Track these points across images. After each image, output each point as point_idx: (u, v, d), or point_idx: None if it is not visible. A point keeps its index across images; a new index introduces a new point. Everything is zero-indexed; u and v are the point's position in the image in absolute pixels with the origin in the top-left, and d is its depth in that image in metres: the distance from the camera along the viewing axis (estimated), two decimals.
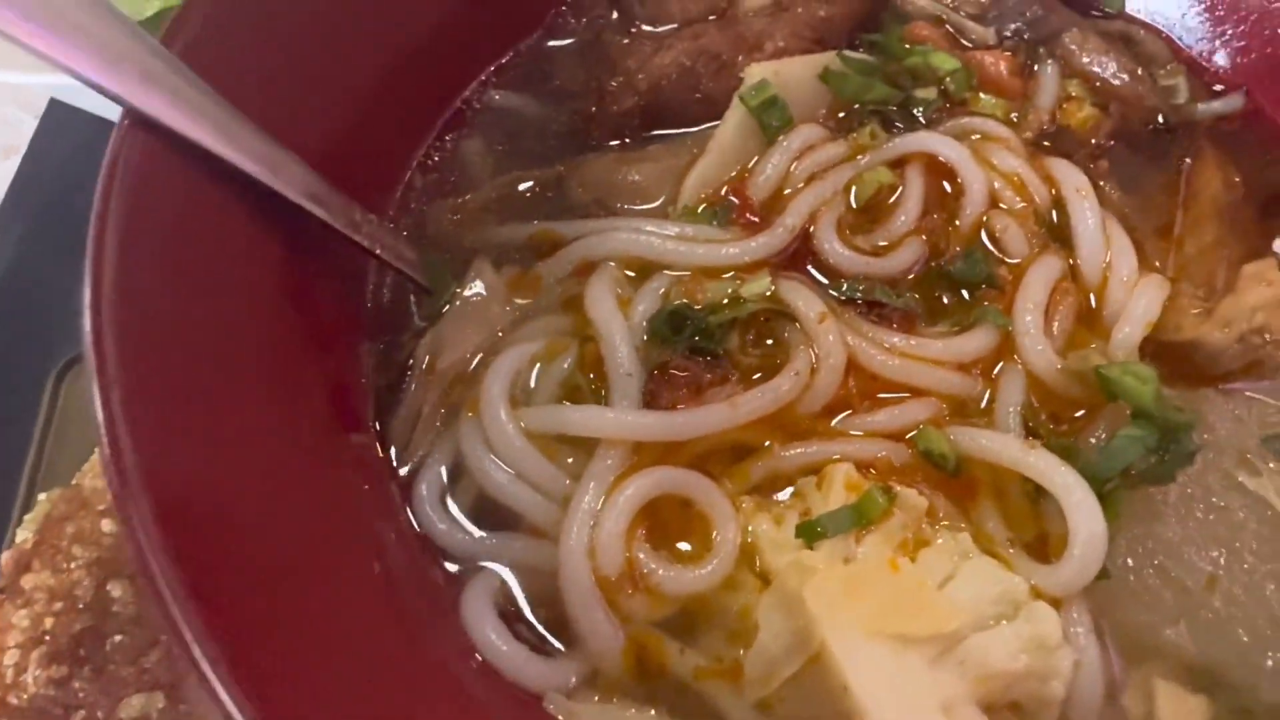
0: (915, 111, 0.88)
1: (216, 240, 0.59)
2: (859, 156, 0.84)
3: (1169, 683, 0.62)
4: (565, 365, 0.71)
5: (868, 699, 0.53)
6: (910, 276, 0.79)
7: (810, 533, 0.62)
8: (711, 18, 0.94)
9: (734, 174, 0.83)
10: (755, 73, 0.83)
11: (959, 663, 0.58)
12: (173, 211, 0.56)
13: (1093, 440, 0.68)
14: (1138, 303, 0.73)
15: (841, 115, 0.88)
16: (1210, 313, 0.71)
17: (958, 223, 0.81)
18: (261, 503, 0.54)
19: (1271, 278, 0.71)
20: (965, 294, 0.78)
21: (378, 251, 0.69)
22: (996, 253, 0.80)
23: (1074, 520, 0.62)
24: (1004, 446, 0.67)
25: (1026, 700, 0.60)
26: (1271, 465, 0.67)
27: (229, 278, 0.60)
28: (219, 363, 0.56)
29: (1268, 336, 0.70)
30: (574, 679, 0.61)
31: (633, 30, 0.94)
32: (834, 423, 0.71)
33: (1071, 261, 0.78)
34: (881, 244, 0.80)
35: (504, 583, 0.65)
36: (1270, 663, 0.61)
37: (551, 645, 0.63)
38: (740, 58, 0.86)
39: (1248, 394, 0.70)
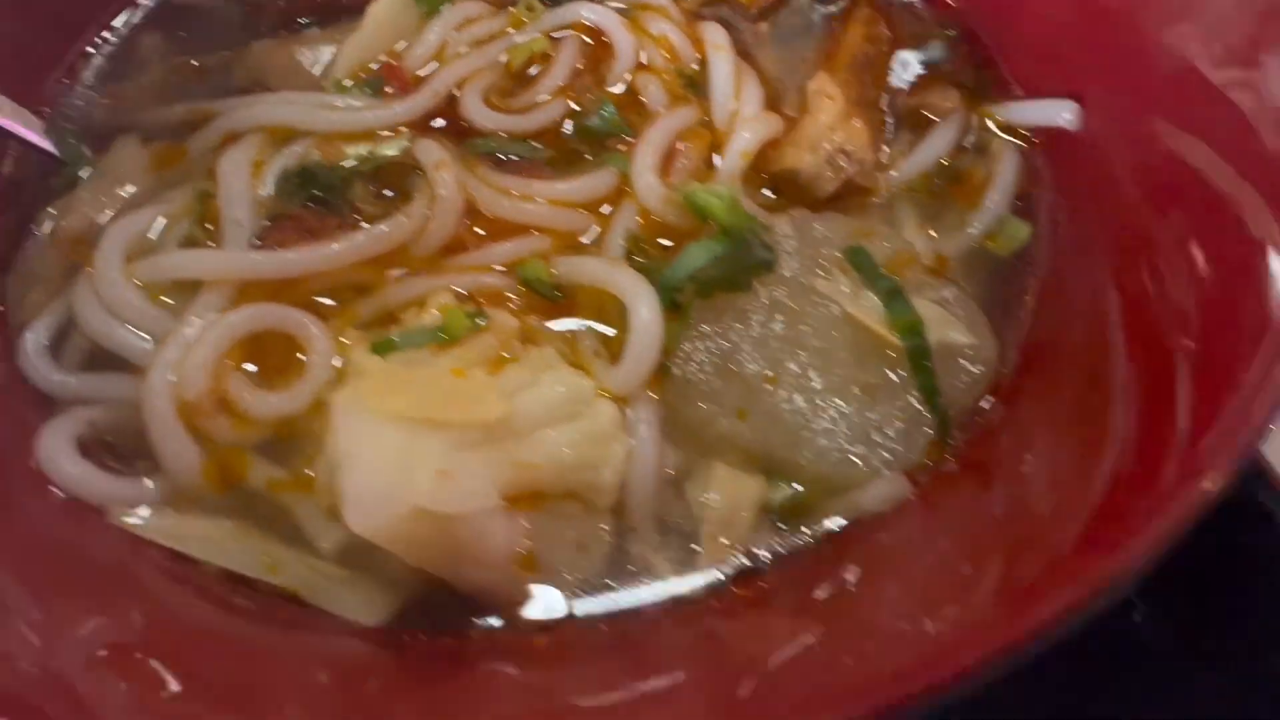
0: None
1: None
2: (518, 29, 0.87)
3: (730, 468, 0.65)
4: (187, 224, 0.73)
5: (352, 463, 0.56)
6: (560, 132, 0.82)
7: (385, 348, 0.65)
8: None
9: (391, 49, 0.86)
10: None
11: (505, 452, 0.61)
12: None
13: None
14: (740, 136, 0.77)
15: None
16: (799, 140, 0.74)
17: (607, 84, 0.84)
18: None
19: (830, 91, 0.74)
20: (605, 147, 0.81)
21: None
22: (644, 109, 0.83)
23: (632, 321, 0.66)
24: (592, 268, 0.70)
25: (581, 488, 0.63)
26: (844, 273, 0.70)
27: None
28: None
29: (851, 153, 0.74)
30: (152, 495, 0.64)
31: None
32: (451, 262, 0.74)
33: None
34: (527, 105, 0.83)
35: (99, 420, 0.67)
36: (809, 436, 0.64)
37: (135, 467, 0.65)
38: None
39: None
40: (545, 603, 0.61)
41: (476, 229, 0.75)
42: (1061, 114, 0.78)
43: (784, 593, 0.61)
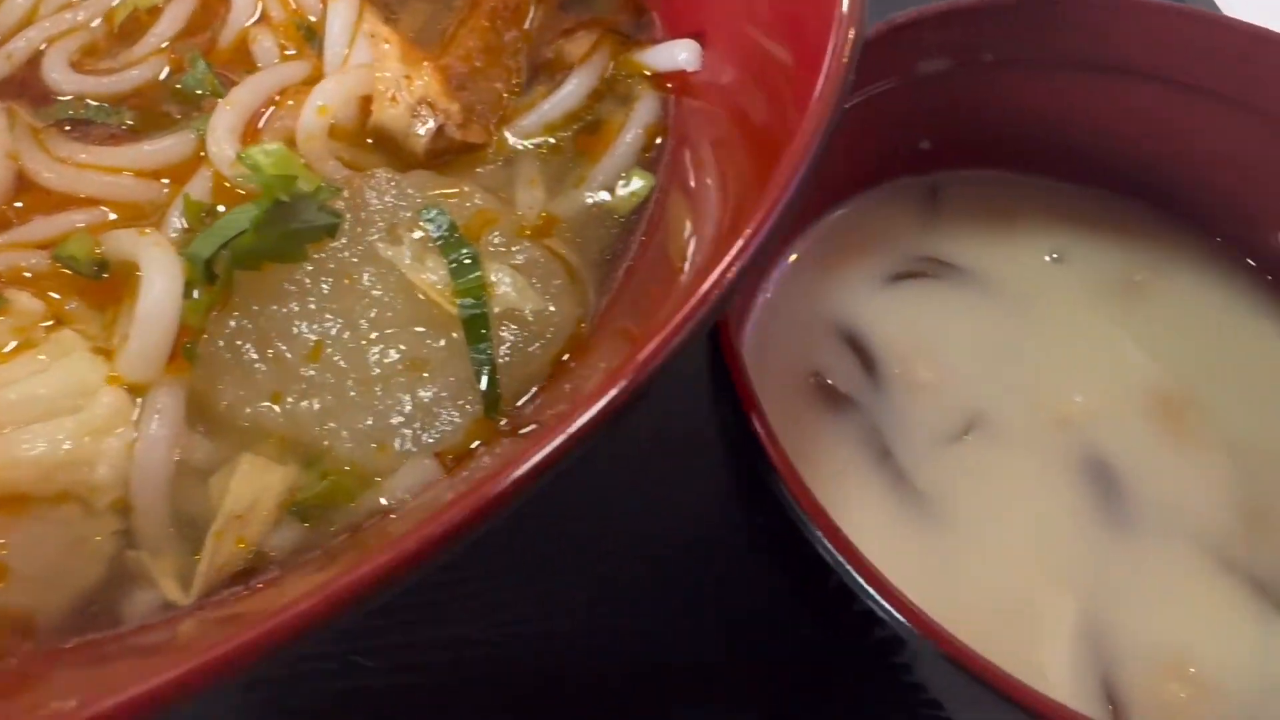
0: None
1: None
2: None
3: (259, 458, 0.59)
4: None
5: None
6: (156, 96, 0.75)
7: None
8: None
9: None
10: None
11: None
12: None
13: None
14: (320, 89, 0.69)
15: None
16: (394, 95, 0.67)
17: (219, 40, 0.77)
18: None
19: (383, 33, 0.67)
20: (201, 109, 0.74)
21: None
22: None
23: (140, 296, 0.59)
24: (120, 240, 0.63)
25: (76, 488, 0.56)
26: (416, 235, 0.64)
27: None
28: None
29: (435, 104, 0.67)
30: None
31: None
32: None
33: None
34: (121, 64, 0.75)
35: None
36: (348, 419, 0.58)
37: None
38: None
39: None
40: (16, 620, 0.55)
41: (18, 203, 0.67)
42: (680, 54, 0.72)
43: (291, 587, 0.54)
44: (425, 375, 0.60)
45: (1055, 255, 0.78)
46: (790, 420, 0.71)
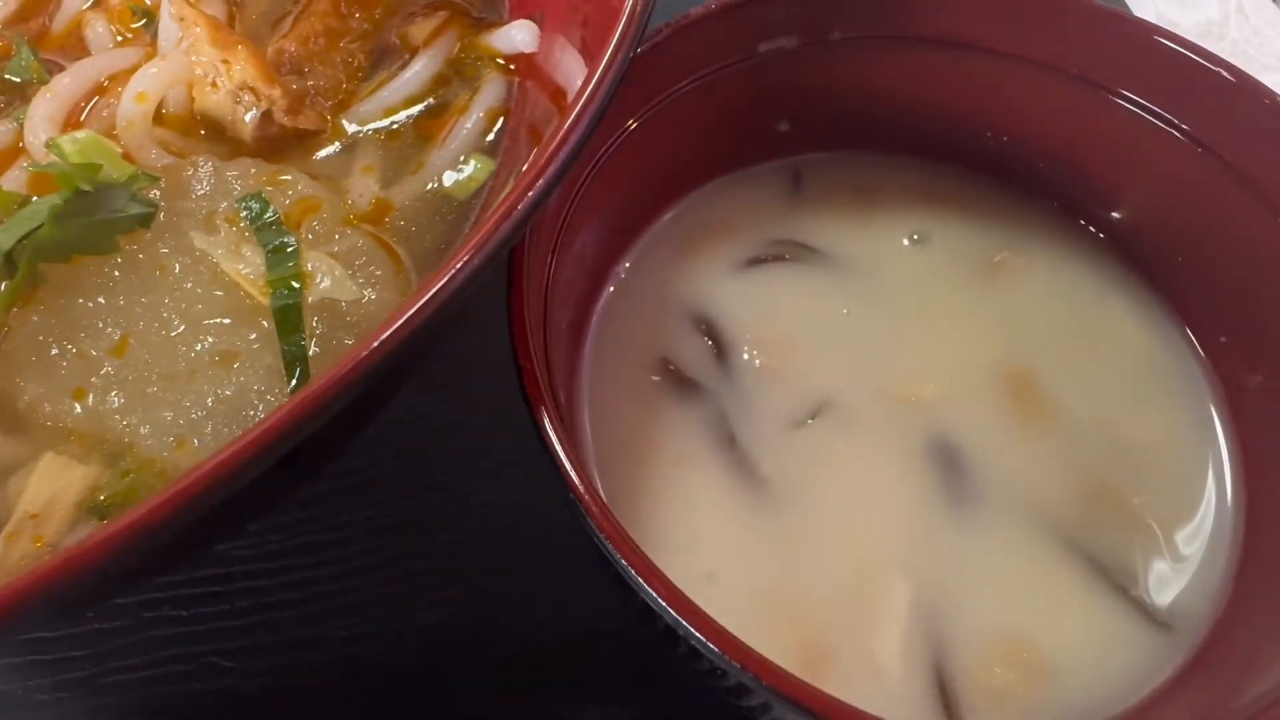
0: None
1: None
2: None
3: (60, 456, 0.57)
4: None
5: None
6: None
7: None
8: None
9: None
10: None
11: None
12: None
13: None
14: (142, 74, 0.67)
15: None
16: (214, 80, 0.65)
17: (51, 26, 0.74)
18: None
19: (190, 15, 0.65)
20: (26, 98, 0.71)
21: None
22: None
23: None
24: None
25: None
26: (234, 228, 0.62)
27: None
28: None
29: (258, 90, 0.65)
30: None
31: None
32: None
33: None
34: None
35: None
36: (151, 414, 0.56)
37: None
38: None
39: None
40: None
41: None
42: (517, 35, 0.70)
43: None
44: (234, 368, 0.58)
45: (916, 237, 0.77)
46: (637, 407, 0.70)
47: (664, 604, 0.47)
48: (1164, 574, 0.63)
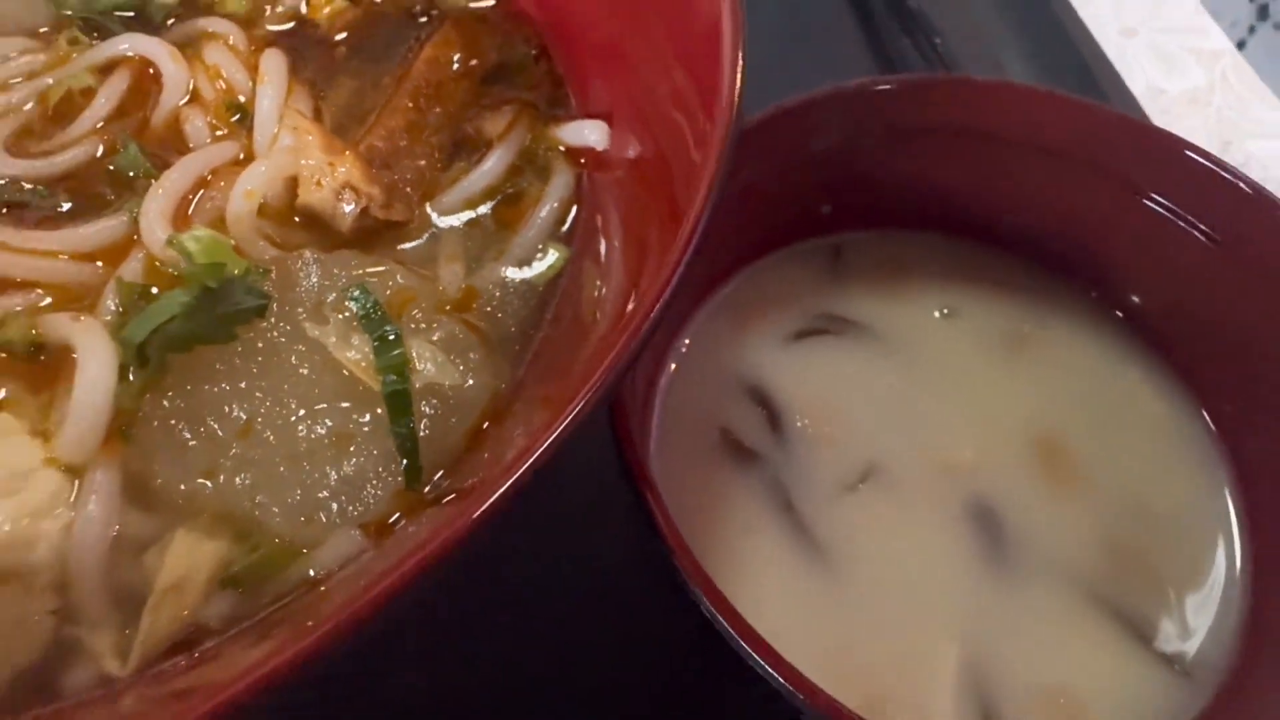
0: (154, 16, 0.88)
1: None
2: (63, 66, 0.83)
3: (193, 533, 0.62)
4: None
5: None
6: (91, 177, 0.78)
7: None
8: None
9: None
10: None
11: None
12: None
13: None
14: (251, 171, 0.73)
15: (79, 27, 0.86)
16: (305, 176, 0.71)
17: (151, 120, 0.80)
18: None
19: (305, 125, 0.72)
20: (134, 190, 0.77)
21: None
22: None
23: (77, 379, 0.62)
24: (56, 324, 0.66)
25: (16, 568, 0.59)
26: (341, 316, 0.67)
27: None
28: None
29: (358, 188, 0.71)
30: None
31: None
32: None
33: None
34: (58, 147, 0.78)
35: None
36: (276, 493, 0.62)
37: None
38: None
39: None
40: None
41: None
42: (590, 134, 0.77)
43: (228, 658, 0.58)
44: (351, 449, 0.64)
45: (946, 310, 0.84)
46: (701, 476, 0.76)
47: (754, 655, 0.54)
48: (1182, 628, 0.70)
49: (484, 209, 0.78)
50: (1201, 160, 0.69)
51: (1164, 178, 0.72)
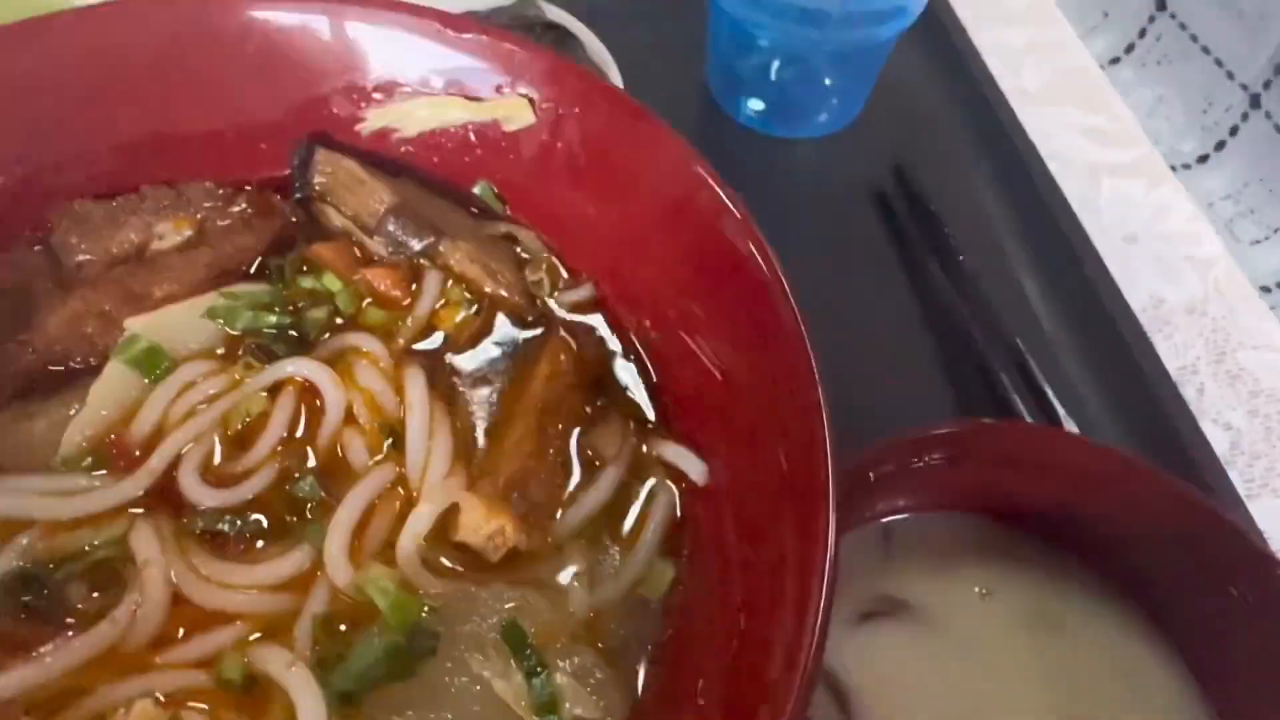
0: (309, 332, 1.02)
1: None
2: (239, 388, 0.97)
3: None
4: None
5: None
6: (274, 497, 0.92)
7: None
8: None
9: (119, 420, 0.95)
10: (129, 327, 0.95)
11: None
12: None
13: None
14: (417, 515, 0.88)
15: (242, 347, 1.00)
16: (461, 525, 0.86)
17: (317, 442, 0.95)
18: None
19: (469, 500, 0.87)
20: (308, 514, 0.91)
21: None
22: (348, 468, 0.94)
23: None
24: (273, 666, 0.81)
25: None
26: (497, 651, 0.82)
27: None
28: None
29: (507, 535, 0.86)
30: None
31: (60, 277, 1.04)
32: (160, 656, 0.83)
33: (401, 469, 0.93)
34: (240, 472, 0.93)
35: None
36: None
37: None
38: (126, 309, 0.98)
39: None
40: None
41: (180, 621, 0.84)
42: (691, 469, 0.92)
43: None
44: None
45: (984, 590, 1.00)
46: None
47: None
48: None
49: (599, 525, 0.93)
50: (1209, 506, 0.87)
51: (1173, 524, 0.88)
